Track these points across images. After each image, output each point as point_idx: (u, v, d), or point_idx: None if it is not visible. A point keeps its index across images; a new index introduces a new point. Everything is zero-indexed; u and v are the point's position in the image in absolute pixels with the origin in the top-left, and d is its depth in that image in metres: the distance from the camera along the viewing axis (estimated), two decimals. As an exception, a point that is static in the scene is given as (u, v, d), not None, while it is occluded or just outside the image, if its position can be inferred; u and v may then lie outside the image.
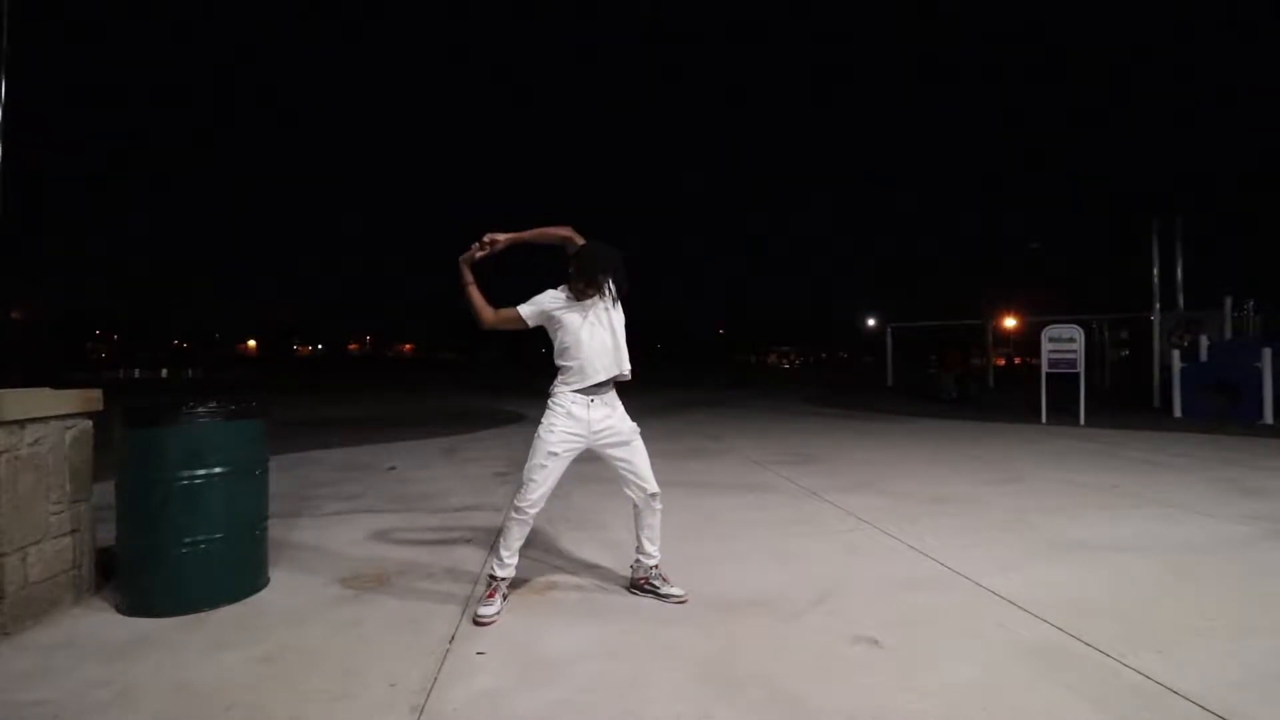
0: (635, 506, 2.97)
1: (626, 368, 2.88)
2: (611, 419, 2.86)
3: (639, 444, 2.92)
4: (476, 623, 2.65)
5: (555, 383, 2.88)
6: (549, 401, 2.87)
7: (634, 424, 2.93)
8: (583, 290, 2.83)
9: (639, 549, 2.99)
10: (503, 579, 2.83)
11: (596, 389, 2.83)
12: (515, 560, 2.86)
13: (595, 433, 2.83)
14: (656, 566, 2.99)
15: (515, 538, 2.83)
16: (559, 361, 2.88)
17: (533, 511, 2.80)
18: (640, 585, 2.99)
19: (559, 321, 2.84)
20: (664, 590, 2.94)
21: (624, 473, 2.91)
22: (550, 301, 2.88)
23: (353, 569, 3.36)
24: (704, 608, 2.84)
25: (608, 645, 2.49)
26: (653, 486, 2.92)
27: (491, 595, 2.78)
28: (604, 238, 2.88)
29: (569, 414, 2.81)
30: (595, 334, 2.82)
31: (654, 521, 2.97)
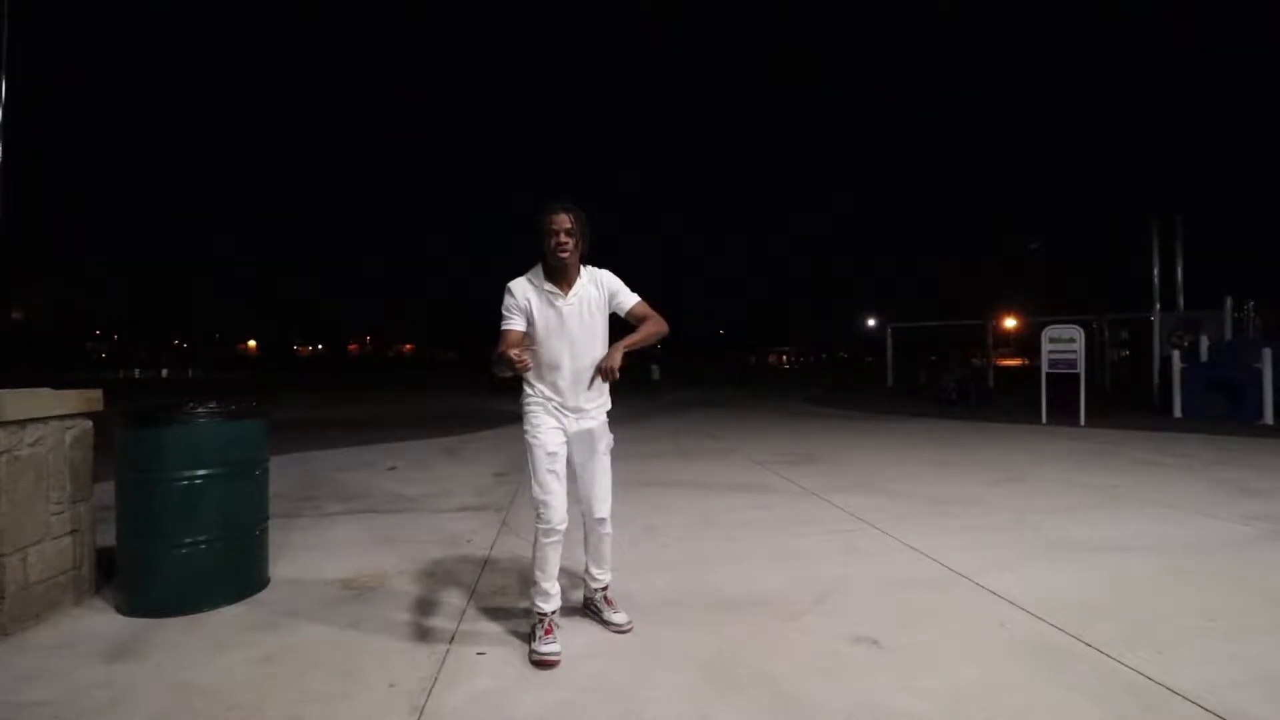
0: (584, 526, 2.64)
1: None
2: (591, 422, 2.60)
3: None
4: (540, 664, 2.30)
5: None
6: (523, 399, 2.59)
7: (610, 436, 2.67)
8: None
9: (585, 570, 2.73)
10: (551, 613, 2.45)
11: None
12: (558, 589, 2.50)
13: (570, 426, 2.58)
14: (605, 590, 2.72)
15: (550, 563, 2.45)
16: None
17: (563, 528, 2.44)
18: (587, 605, 2.77)
19: None
20: (605, 616, 2.65)
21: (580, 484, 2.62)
22: None
23: (353, 569, 3.36)
24: (704, 608, 2.84)
25: (607, 645, 2.49)
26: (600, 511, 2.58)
27: (549, 632, 2.40)
28: (604, 236, 2.75)
29: (544, 408, 2.54)
30: None
31: (598, 544, 2.64)
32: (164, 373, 49.62)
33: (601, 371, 2.40)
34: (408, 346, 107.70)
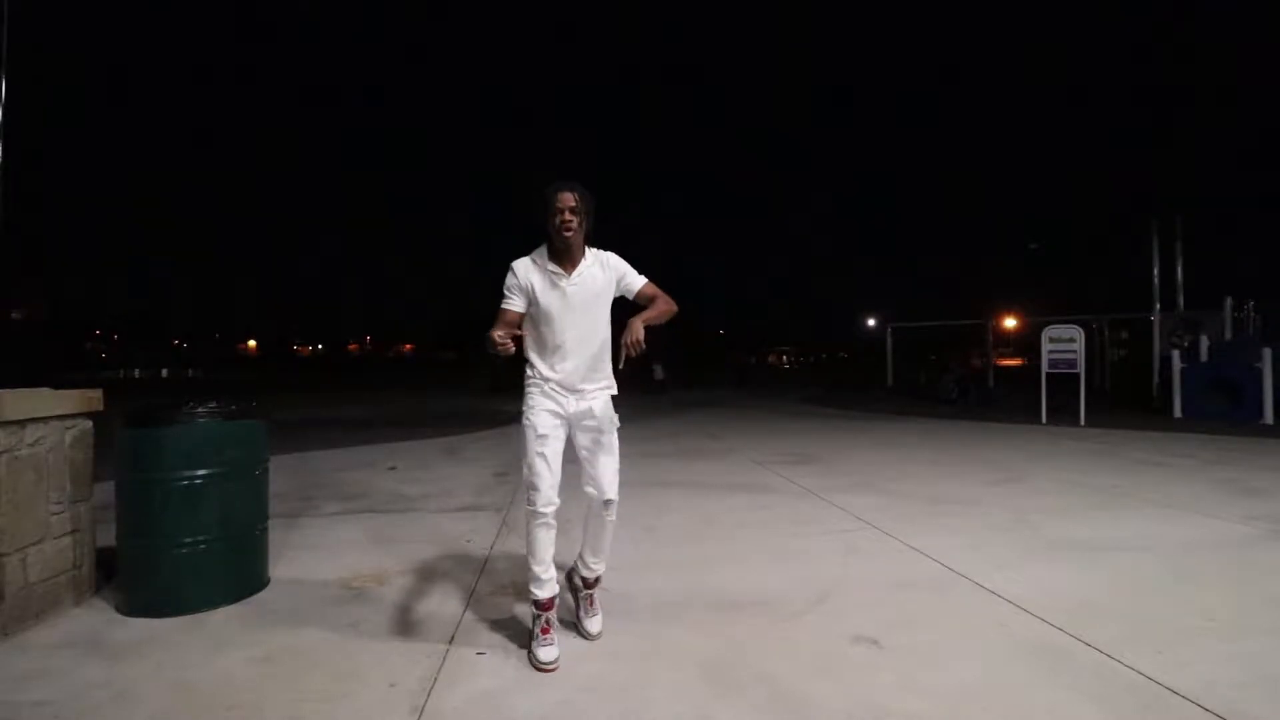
0: (588, 509, 2.55)
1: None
2: (593, 401, 2.51)
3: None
4: (539, 669, 2.28)
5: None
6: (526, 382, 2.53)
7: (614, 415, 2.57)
8: None
9: (579, 556, 2.65)
10: (545, 600, 2.41)
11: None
12: (552, 574, 2.45)
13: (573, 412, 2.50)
14: (593, 587, 2.62)
15: (542, 546, 2.40)
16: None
17: (549, 510, 2.38)
18: (572, 591, 2.73)
19: None
20: (581, 617, 2.60)
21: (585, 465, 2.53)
22: None
23: (353, 569, 3.36)
24: (704, 608, 2.84)
25: (607, 645, 2.49)
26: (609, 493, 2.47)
27: (545, 631, 2.37)
28: (604, 236, 2.66)
29: (542, 389, 2.48)
30: None
31: (599, 530, 2.53)
32: (164, 373, 49.66)
33: (627, 346, 2.33)
34: (408, 346, 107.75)
